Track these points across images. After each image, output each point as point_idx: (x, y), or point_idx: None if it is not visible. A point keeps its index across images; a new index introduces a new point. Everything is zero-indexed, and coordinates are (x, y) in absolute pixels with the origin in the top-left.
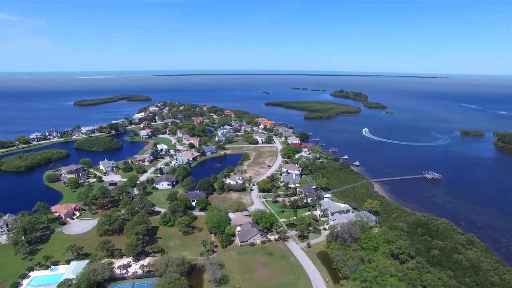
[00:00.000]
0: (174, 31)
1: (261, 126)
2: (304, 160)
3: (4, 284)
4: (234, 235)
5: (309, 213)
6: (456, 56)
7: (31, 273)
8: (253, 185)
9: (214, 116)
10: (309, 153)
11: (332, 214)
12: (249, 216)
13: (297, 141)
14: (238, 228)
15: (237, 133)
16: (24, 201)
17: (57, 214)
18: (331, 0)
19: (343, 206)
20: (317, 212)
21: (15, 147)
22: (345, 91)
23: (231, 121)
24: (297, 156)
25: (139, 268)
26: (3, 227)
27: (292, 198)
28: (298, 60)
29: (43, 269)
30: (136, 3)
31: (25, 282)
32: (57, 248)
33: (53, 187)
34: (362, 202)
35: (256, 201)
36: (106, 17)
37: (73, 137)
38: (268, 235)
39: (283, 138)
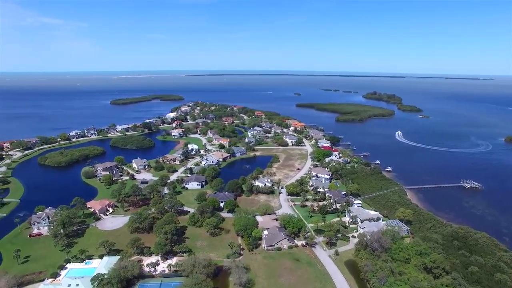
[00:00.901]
0: (205, 31)
1: (292, 128)
2: (334, 164)
3: (45, 273)
4: (261, 239)
5: (338, 219)
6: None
7: (68, 265)
8: (282, 188)
9: (245, 117)
10: (340, 157)
11: (362, 221)
12: (276, 220)
13: (327, 144)
14: (265, 232)
15: (267, 134)
16: (63, 195)
17: (92, 210)
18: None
19: (373, 213)
20: (346, 219)
21: (57, 143)
22: (378, 93)
23: (261, 122)
24: (327, 159)
25: (167, 267)
26: (45, 220)
27: (321, 203)
28: (331, 60)
29: (79, 262)
30: (169, 5)
31: (63, 273)
32: (92, 242)
33: (89, 183)
34: (394, 210)
35: (284, 205)
36: (141, 18)
37: (109, 135)
38: (295, 240)
39: (314, 140)
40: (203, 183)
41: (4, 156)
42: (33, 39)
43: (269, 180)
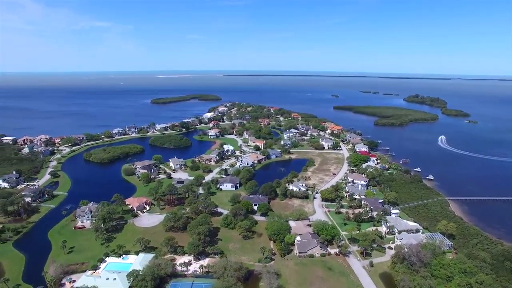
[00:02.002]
0: (244, 32)
1: (328, 131)
2: (371, 170)
3: (87, 264)
4: (293, 245)
5: (374, 228)
6: None
7: (107, 259)
8: (316, 193)
9: (281, 119)
10: (378, 163)
11: (400, 232)
12: (310, 226)
13: (365, 149)
14: (298, 238)
15: (303, 137)
16: (105, 190)
17: (130, 206)
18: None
19: (412, 224)
20: (383, 229)
21: (101, 140)
22: (420, 96)
23: (297, 124)
24: (364, 165)
25: (199, 267)
26: (88, 214)
27: (356, 211)
28: (371, 61)
29: (116, 257)
30: (208, 7)
31: (102, 266)
32: (129, 238)
33: (128, 180)
34: (435, 222)
35: (318, 211)
36: (181, 20)
37: (148, 133)
38: (328, 248)
39: (351, 145)
40: (237, 185)
41: (55, 151)
42: (84, 41)
43: (303, 185)
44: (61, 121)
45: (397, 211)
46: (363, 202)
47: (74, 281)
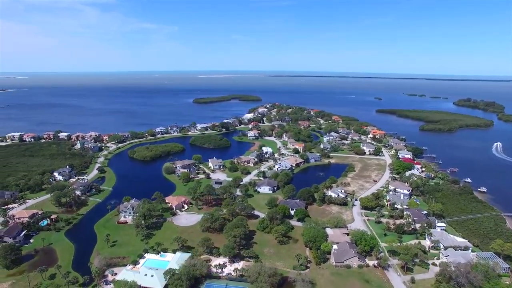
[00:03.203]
0: (288, 32)
1: (370, 135)
2: (415, 178)
3: (128, 259)
4: (329, 253)
5: (417, 241)
6: None
7: (146, 255)
8: (356, 200)
9: (321, 121)
10: (422, 171)
11: (445, 248)
12: (347, 234)
13: (409, 155)
14: (335, 247)
15: (344, 141)
16: (146, 187)
17: (169, 205)
18: None
19: (460, 240)
20: (426, 243)
21: (144, 138)
22: (473, 100)
23: (338, 127)
24: (407, 173)
25: (233, 270)
26: (130, 210)
27: (397, 221)
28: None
29: (155, 253)
30: (253, 7)
31: (141, 261)
32: (167, 236)
33: (169, 179)
34: (488, 240)
35: (357, 219)
36: (225, 21)
37: (189, 133)
38: (366, 259)
39: (393, 151)
40: (275, 188)
41: (103, 147)
42: (132, 42)
43: (342, 191)
44: (108, 119)
45: (443, 224)
46: (405, 212)
47: (115, 274)
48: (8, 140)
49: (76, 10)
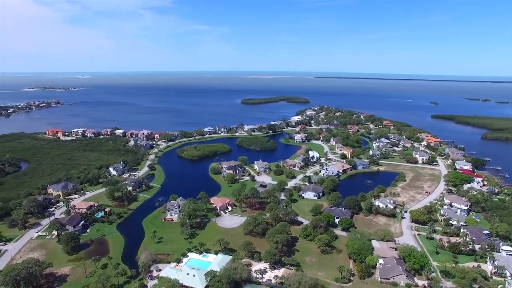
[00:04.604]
0: (335, 33)
1: (424, 143)
2: (475, 193)
3: (172, 256)
4: (375, 267)
5: (476, 264)
6: None
7: (189, 254)
8: (406, 212)
9: (371, 126)
10: (484, 185)
11: None
12: (395, 249)
13: (467, 167)
14: (381, 261)
15: (394, 148)
16: (192, 186)
17: (214, 205)
18: None
19: None
20: (488, 267)
21: (193, 137)
22: None
23: (389, 133)
24: (465, 186)
25: (273, 277)
26: (176, 208)
27: (452, 239)
28: (482, 63)
29: (197, 253)
30: (301, 8)
31: (184, 260)
32: (210, 236)
33: (214, 179)
34: None
35: (406, 233)
36: (274, 21)
37: (237, 133)
38: (415, 278)
39: (450, 161)
40: (320, 194)
41: (154, 145)
42: (185, 43)
43: (391, 201)
44: (159, 117)
45: (509, 248)
46: (462, 230)
47: (160, 270)
48: (73, 135)
49: (135, 14)
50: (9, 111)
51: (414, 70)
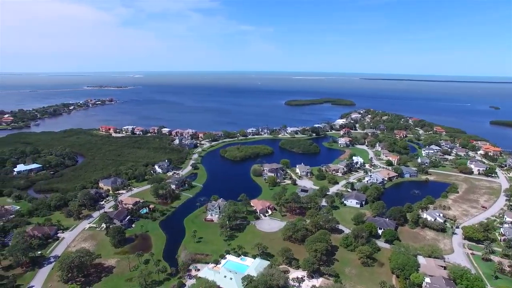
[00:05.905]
0: (383, 33)
1: (481, 152)
2: None
3: (210, 257)
4: (420, 286)
5: None
6: None
7: (227, 256)
8: (457, 227)
9: (420, 132)
10: None
11: None
12: (444, 268)
13: None
14: (428, 280)
15: (446, 156)
16: (233, 187)
17: (254, 208)
18: None
19: None
20: None
21: (236, 138)
22: None
23: (440, 140)
24: None
25: (311, 287)
26: (216, 209)
27: None
28: None
29: (235, 256)
30: (347, 7)
31: (222, 262)
32: (248, 239)
33: (256, 181)
34: None
35: (458, 251)
36: (319, 21)
37: (279, 135)
38: None
39: None
40: (363, 202)
41: (198, 144)
42: (231, 44)
43: (441, 215)
44: (203, 116)
45: None
46: None
47: (198, 270)
48: (123, 132)
49: (183, 16)
50: (70, 108)
51: (469, 71)
